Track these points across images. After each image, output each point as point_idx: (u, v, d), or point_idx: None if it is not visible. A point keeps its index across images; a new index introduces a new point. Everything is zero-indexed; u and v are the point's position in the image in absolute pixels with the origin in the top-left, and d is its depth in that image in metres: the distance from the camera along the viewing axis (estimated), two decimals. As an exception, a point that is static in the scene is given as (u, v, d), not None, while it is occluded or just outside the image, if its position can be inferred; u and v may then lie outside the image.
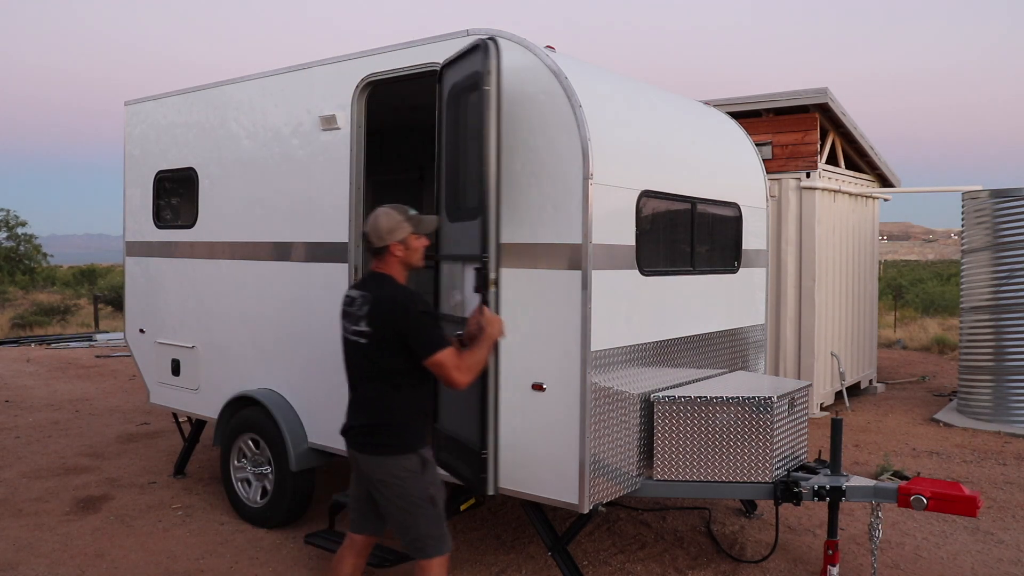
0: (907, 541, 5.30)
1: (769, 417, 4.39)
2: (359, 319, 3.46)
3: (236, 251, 5.79)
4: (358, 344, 3.48)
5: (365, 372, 3.50)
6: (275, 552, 5.13)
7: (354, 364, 3.54)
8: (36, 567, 4.89)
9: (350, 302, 3.55)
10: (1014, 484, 6.54)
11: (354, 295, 3.55)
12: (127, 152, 6.82)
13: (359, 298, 3.50)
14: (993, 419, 8.65)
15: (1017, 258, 8.52)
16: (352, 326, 3.50)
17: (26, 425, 8.73)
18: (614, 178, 4.18)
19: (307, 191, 5.26)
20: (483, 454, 3.91)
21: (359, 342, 3.47)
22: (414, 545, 3.51)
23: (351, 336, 3.51)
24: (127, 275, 6.86)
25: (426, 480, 3.52)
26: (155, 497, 6.21)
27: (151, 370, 6.58)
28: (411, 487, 3.48)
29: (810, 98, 8.79)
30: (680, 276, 4.86)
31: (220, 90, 5.94)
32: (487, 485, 3.94)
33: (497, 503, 5.86)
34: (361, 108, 4.99)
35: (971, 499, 4.09)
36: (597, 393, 4.06)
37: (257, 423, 5.51)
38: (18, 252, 31.15)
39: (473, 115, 3.93)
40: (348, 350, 3.56)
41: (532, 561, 4.94)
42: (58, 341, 16.66)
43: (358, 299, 3.51)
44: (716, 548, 5.15)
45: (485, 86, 3.77)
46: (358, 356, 3.50)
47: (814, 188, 8.86)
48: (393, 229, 3.51)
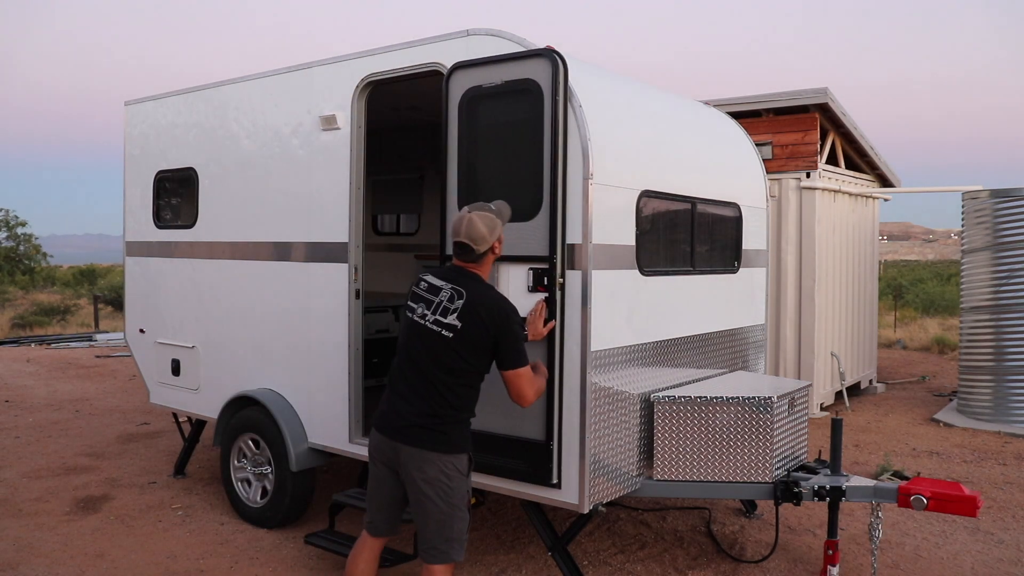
0: (907, 541, 5.30)
1: (769, 417, 4.39)
2: (449, 312, 3.41)
3: (236, 251, 5.80)
4: (440, 336, 3.41)
5: (444, 365, 3.42)
6: (275, 552, 5.13)
7: (430, 353, 3.44)
8: (36, 567, 4.89)
9: (433, 290, 3.50)
10: (1014, 484, 6.54)
11: (439, 284, 3.50)
12: (127, 152, 6.82)
13: (449, 290, 3.46)
14: (993, 419, 8.65)
15: (1017, 258, 8.52)
16: (436, 315, 3.44)
17: (26, 425, 8.73)
18: (614, 178, 4.18)
19: (307, 191, 5.26)
20: (550, 445, 3.99)
21: (442, 334, 3.41)
22: (440, 548, 3.44)
23: (432, 325, 3.44)
24: (127, 275, 6.87)
25: (469, 483, 3.52)
26: (155, 497, 6.21)
27: (151, 370, 6.58)
28: (458, 488, 3.45)
29: (810, 98, 8.80)
30: (680, 276, 4.86)
31: (220, 90, 5.95)
32: (552, 475, 3.99)
33: (497, 503, 5.86)
34: (361, 108, 4.99)
35: (971, 499, 4.09)
36: (597, 393, 4.06)
37: (257, 423, 5.51)
38: (18, 252, 31.15)
39: (517, 120, 4.06)
40: (423, 337, 3.46)
41: (532, 561, 4.94)
42: (58, 341, 16.66)
43: (447, 290, 3.47)
44: (716, 548, 5.15)
45: (557, 96, 3.90)
46: (438, 347, 3.42)
47: (814, 188, 8.86)
48: (493, 228, 3.53)
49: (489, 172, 4.26)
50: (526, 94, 4.04)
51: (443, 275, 3.56)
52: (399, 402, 3.49)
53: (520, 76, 4.06)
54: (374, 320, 7.20)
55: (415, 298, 3.56)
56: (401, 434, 3.44)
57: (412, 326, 3.52)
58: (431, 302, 3.48)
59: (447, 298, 3.45)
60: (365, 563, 3.68)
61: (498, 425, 4.19)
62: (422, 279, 3.59)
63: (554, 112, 3.94)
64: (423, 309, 3.49)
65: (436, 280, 3.53)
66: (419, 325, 3.49)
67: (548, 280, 3.99)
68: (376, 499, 3.65)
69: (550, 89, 3.95)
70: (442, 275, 3.56)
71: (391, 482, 3.56)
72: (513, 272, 4.11)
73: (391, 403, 3.52)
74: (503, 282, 4.14)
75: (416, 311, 3.52)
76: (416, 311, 3.52)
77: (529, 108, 4.03)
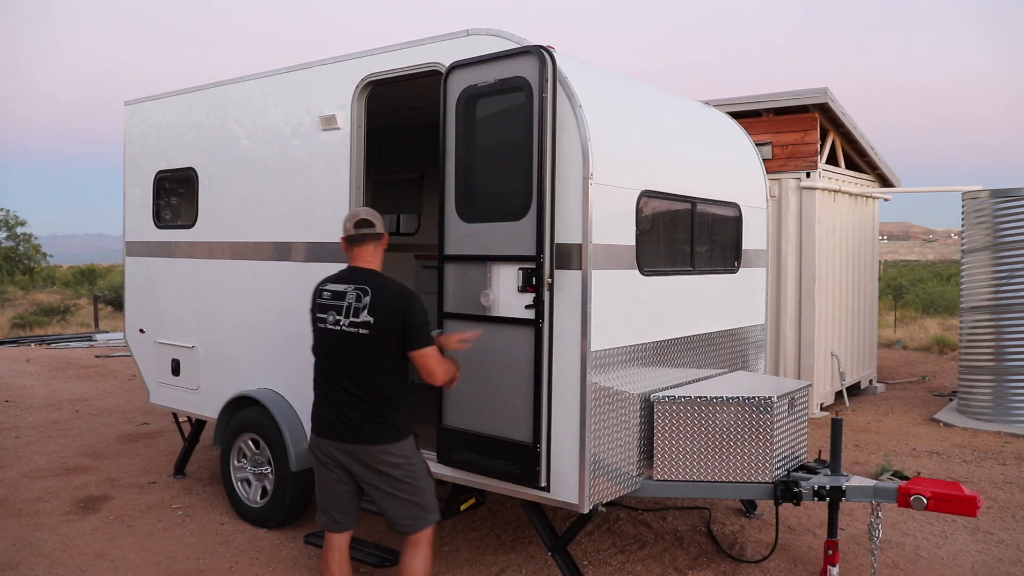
0: (907, 541, 5.30)
1: (769, 417, 4.39)
2: (360, 311, 3.56)
3: (236, 251, 5.80)
4: (358, 335, 3.56)
5: (370, 361, 3.57)
6: (275, 552, 5.13)
7: (354, 356, 3.59)
8: (36, 567, 4.89)
9: (338, 296, 3.64)
10: (1014, 484, 6.54)
11: (342, 289, 3.65)
12: (127, 152, 6.82)
13: (353, 291, 3.61)
14: (993, 419, 8.65)
15: (1017, 258, 8.52)
16: (349, 318, 3.58)
17: (26, 425, 8.73)
18: (614, 178, 4.18)
19: (307, 191, 5.26)
20: (537, 447, 3.99)
21: (360, 333, 3.56)
22: (420, 516, 3.67)
23: (348, 328, 3.58)
24: (127, 275, 6.86)
25: (421, 454, 3.84)
26: (155, 497, 6.21)
27: (151, 370, 6.58)
28: (417, 463, 3.73)
29: (810, 98, 8.80)
30: (680, 276, 4.86)
31: (220, 90, 5.95)
32: (540, 478, 4.00)
33: (497, 503, 5.86)
34: (361, 108, 4.99)
35: (971, 499, 4.09)
36: (597, 393, 4.06)
37: (257, 423, 5.51)
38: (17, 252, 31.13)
39: (508, 118, 4.06)
40: (343, 343, 3.60)
41: (532, 561, 4.94)
42: (58, 341, 16.66)
43: (351, 292, 3.61)
44: (716, 548, 5.15)
45: (544, 93, 3.89)
46: (360, 347, 3.57)
47: (814, 188, 8.86)
48: (382, 219, 3.82)
49: (484, 172, 4.26)
50: (517, 92, 4.03)
51: (342, 279, 3.71)
52: (341, 408, 3.63)
53: (511, 74, 4.05)
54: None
55: (322, 308, 3.69)
56: (354, 436, 3.61)
57: (328, 335, 3.65)
58: (340, 307, 3.62)
59: (354, 299, 3.60)
60: (339, 563, 3.80)
61: (488, 427, 4.19)
62: (323, 289, 3.73)
63: (541, 109, 3.92)
64: (334, 316, 3.63)
65: (337, 286, 3.68)
66: (336, 332, 3.62)
67: (536, 280, 3.98)
68: (334, 499, 3.78)
69: (539, 86, 3.93)
70: (342, 279, 3.71)
71: (346, 481, 3.72)
72: (504, 272, 4.11)
73: (331, 411, 3.66)
74: (494, 282, 4.14)
75: (327, 320, 3.66)
76: (327, 320, 3.66)
77: (519, 106, 4.02)
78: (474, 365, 4.24)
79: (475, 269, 4.23)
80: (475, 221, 4.24)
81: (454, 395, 4.34)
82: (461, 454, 4.32)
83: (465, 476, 4.41)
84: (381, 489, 3.65)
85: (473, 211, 4.26)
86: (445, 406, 4.39)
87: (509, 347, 4.10)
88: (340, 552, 3.80)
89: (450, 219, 4.33)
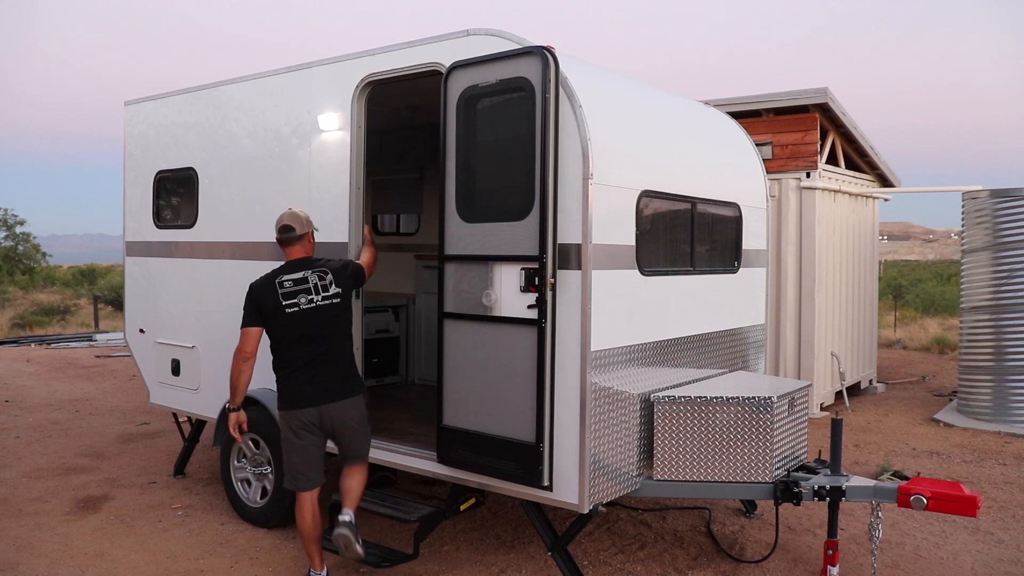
0: (907, 541, 5.30)
1: (769, 417, 4.39)
2: (328, 287, 4.29)
3: (236, 251, 5.80)
4: (333, 305, 4.29)
5: (340, 325, 4.35)
6: (275, 552, 5.13)
7: (330, 326, 4.29)
8: (36, 567, 4.89)
9: (300, 281, 4.28)
10: (1014, 484, 6.54)
11: (300, 275, 4.30)
12: (127, 152, 6.81)
13: (312, 274, 4.31)
14: (993, 419, 8.65)
15: (1017, 258, 8.52)
16: (320, 295, 4.26)
17: (26, 425, 8.73)
18: (614, 178, 4.18)
19: (307, 191, 5.26)
20: (540, 447, 4.00)
21: (334, 303, 4.29)
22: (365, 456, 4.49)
23: (323, 302, 4.26)
24: (127, 275, 6.86)
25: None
26: (155, 497, 6.21)
27: (151, 370, 6.58)
28: (364, 412, 4.47)
29: (810, 98, 8.80)
30: (680, 276, 4.86)
31: (220, 90, 5.94)
32: (543, 477, 4.01)
33: (497, 503, 5.86)
34: (361, 108, 4.99)
35: (971, 499, 4.09)
36: (597, 393, 4.06)
37: (257, 423, 5.50)
38: (17, 252, 31.10)
39: (510, 119, 4.07)
40: (320, 317, 4.25)
41: (532, 561, 4.94)
42: (58, 341, 16.66)
43: (311, 275, 4.30)
44: (716, 548, 5.15)
45: (547, 94, 3.90)
46: (335, 316, 4.30)
47: (814, 188, 8.86)
48: (308, 220, 4.50)
49: (485, 172, 4.26)
50: (518, 92, 4.03)
51: (294, 268, 4.34)
52: (318, 377, 4.28)
53: (513, 75, 4.05)
54: (374, 320, 7.21)
55: (288, 296, 4.25)
56: (330, 395, 4.29)
57: (304, 314, 4.24)
58: (308, 289, 4.27)
59: (317, 279, 4.30)
60: (313, 515, 4.36)
61: (490, 426, 4.19)
62: (282, 281, 4.29)
63: (544, 110, 3.92)
64: (306, 297, 4.26)
65: (295, 275, 4.31)
66: (312, 309, 4.26)
67: (539, 280, 3.98)
68: (311, 461, 4.35)
69: (541, 87, 3.94)
70: (293, 269, 4.35)
71: (319, 442, 4.37)
72: (506, 272, 4.11)
73: (310, 382, 4.27)
74: (496, 282, 4.14)
75: (300, 303, 4.25)
76: (300, 303, 4.25)
77: (521, 107, 4.02)
78: (475, 365, 4.25)
79: (476, 269, 4.23)
80: (476, 221, 4.24)
81: (454, 395, 4.34)
82: (462, 454, 4.32)
83: (465, 476, 4.41)
84: (355, 430, 4.37)
85: (474, 211, 4.26)
86: (445, 406, 4.39)
87: (511, 347, 4.10)
88: (313, 506, 4.36)
89: (450, 219, 4.33)
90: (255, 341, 4.31)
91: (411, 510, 4.68)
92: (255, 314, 4.28)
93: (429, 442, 4.72)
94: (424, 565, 4.87)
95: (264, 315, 4.26)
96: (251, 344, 4.30)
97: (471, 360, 4.26)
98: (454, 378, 4.35)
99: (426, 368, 7.50)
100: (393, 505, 4.78)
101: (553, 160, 3.96)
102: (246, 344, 4.29)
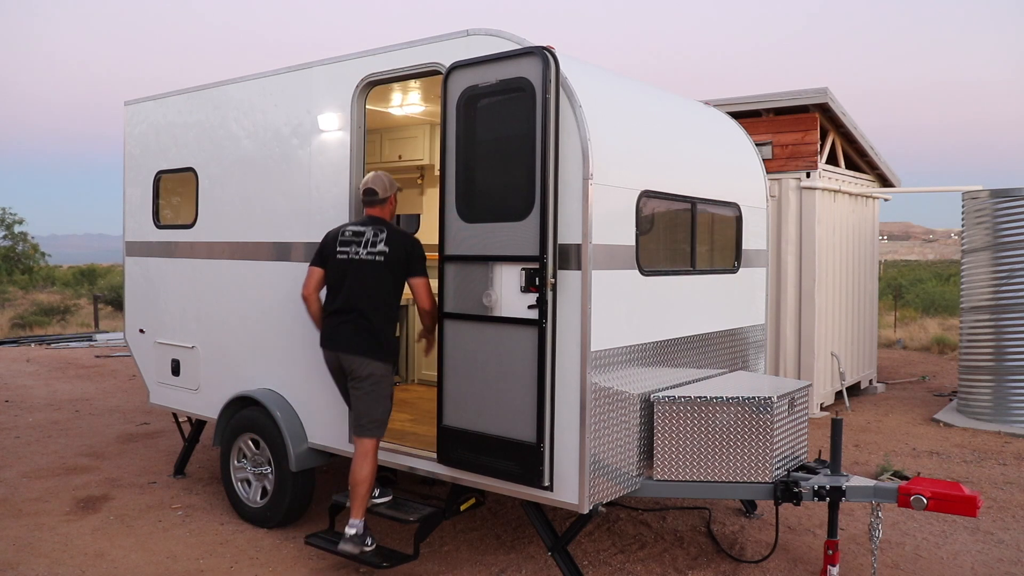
0: (907, 541, 5.30)
1: (769, 417, 4.39)
2: (377, 243, 4.51)
3: (236, 251, 5.80)
4: (374, 262, 4.50)
5: (377, 282, 4.51)
6: (275, 552, 5.13)
7: (366, 279, 4.50)
8: (36, 567, 4.89)
9: (358, 234, 4.57)
10: (1014, 484, 6.54)
11: (362, 229, 4.59)
12: (127, 152, 6.81)
13: (371, 231, 4.56)
14: (993, 419, 8.65)
15: (1017, 258, 8.52)
16: (367, 249, 4.51)
17: (26, 425, 8.73)
18: (614, 178, 4.18)
19: (307, 191, 5.26)
20: (540, 447, 4.01)
21: (376, 260, 4.50)
22: (362, 426, 4.51)
23: (365, 256, 4.51)
24: (127, 275, 6.86)
25: (392, 383, 4.66)
26: (155, 497, 6.21)
27: (151, 370, 6.58)
28: (383, 386, 4.55)
29: (810, 98, 8.80)
30: (680, 276, 4.86)
31: (220, 90, 5.94)
32: (544, 477, 4.01)
33: (497, 503, 5.86)
34: (361, 108, 4.99)
35: (971, 499, 4.09)
36: (597, 393, 4.06)
37: (257, 423, 5.51)
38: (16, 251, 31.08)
39: (510, 119, 4.07)
40: (359, 269, 4.51)
41: (532, 561, 4.94)
42: (58, 341, 16.66)
43: (370, 231, 4.56)
44: (716, 548, 5.15)
45: (547, 94, 3.91)
46: (374, 271, 4.50)
47: (814, 188, 8.86)
48: (391, 185, 4.71)
49: (486, 172, 4.26)
50: (519, 92, 4.03)
51: (361, 223, 4.64)
52: (341, 326, 4.53)
53: (513, 75, 4.05)
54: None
55: (344, 243, 4.58)
56: (342, 346, 4.52)
57: (347, 264, 4.55)
58: (360, 242, 4.55)
59: (372, 235, 4.54)
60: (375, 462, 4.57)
61: (490, 426, 4.19)
62: (345, 229, 4.63)
63: (545, 110, 3.92)
64: (355, 248, 4.54)
65: (358, 227, 4.61)
66: (355, 261, 4.53)
67: (539, 280, 3.98)
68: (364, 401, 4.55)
69: (541, 87, 3.94)
70: (360, 223, 4.64)
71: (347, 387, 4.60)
72: (506, 272, 4.11)
73: (333, 328, 4.56)
74: (496, 282, 4.14)
75: (348, 252, 4.56)
76: (348, 252, 4.56)
77: (522, 107, 4.02)
78: (475, 365, 4.25)
79: (476, 269, 4.23)
80: (476, 221, 4.24)
81: (454, 395, 4.34)
82: (462, 454, 4.32)
83: (465, 476, 4.41)
84: (358, 388, 4.51)
85: (474, 211, 4.26)
86: (445, 406, 4.39)
87: (511, 347, 4.10)
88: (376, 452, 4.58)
89: (451, 219, 4.33)
90: (314, 281, 4.68)
91: (411, 510, 4.68)
92: (319, 255, 4.69)
93: (429, 442, 4.72)
94: (424, 565, 4.87)
95: (324, 258, 4.66)
96: (311, 283, 4.69)
97: (471, 360, 4.26)
98: (454, 378, 4.35)
99: (426, 368, 7.50)
100: (393, 505, 4.78)
101: (553, 160, 3.96)
102: (307, 281, 4.71)
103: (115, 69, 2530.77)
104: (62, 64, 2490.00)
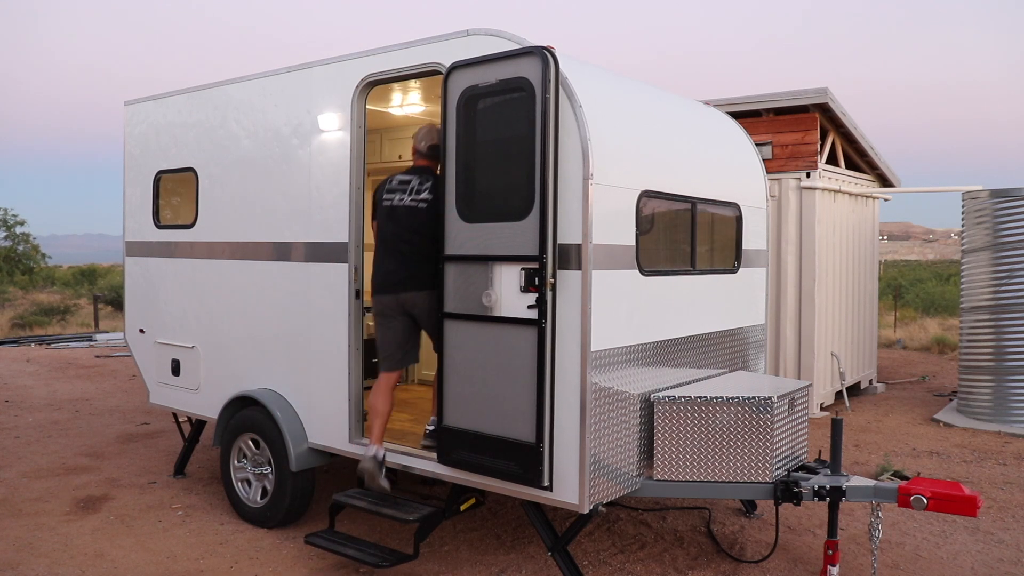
0: (907, 541, 5.30)
1: (769, 417, 4.39)
2: (421, 191, 4.69)
3: (236, 251, 5.80)
4: (417, 208, 4.68)
5: (420, 227, 4.64)
6: (275, 552, 5.13)
7: (408, 225, 4.68)
8: (36, 567, 4.90)
9: (404, 183, 4.77)
10: (1014, 484, 6.54)
11: (408, 178, 4.78)
12: (127, 152, 6.82)
13: (417, 179, 4.74)
14: (993, 419, 8.65)
15: (1017, 258, 8.52)
16: (411, 196, 4.71)
17: (26, 425, 8.73)
18: (614, 178, 4.18)
19: (307, 191, 5.26)
20: (540, 447, 4.01)
21: (419, 207, 4.68)
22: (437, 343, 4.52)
23: (409, 203, 4.71)
24: (127, 275, 6.86)
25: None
26: (155, 497, 6.21)
27: (151, 370, 6.58)
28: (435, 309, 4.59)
29: (810, 98, 8.80)
30: (680, 276, 4.86)
31: (220, 90, 5.95)
32: (543, 477, 4.01)
33: (497, 503, 5.86)
34: (361, 108, 4.99)
35: (971, 499, 4.09)
36: (597, 393, 4.06)
37: (257, 423, 5.51)
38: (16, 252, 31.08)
39: (510, 119, 4.07)
40: (403, 215, 4.70)
41: (532, 561, 4.94)
42: (58, 341, 16.66)
43: (415, 180, 4.74)
44: (716, 548, 5.15)
45: (547, 94, 3.91)
46: (416, 217, 4.66)
47: (814, 188, 8.86)
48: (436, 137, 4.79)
49: (486, 172, 4.26)
50: (519, 92, 4.03)
51: (409, 172, 4.82)
52: (395, 267, 4.72)
53: (513, 75, 4.06)
54: (374, 320, 7.20)
55: (390, 192, 4.77)
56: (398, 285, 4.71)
57: (394, 209, 4.74)
58: (405, 190, 4.73)
59: (418, 183, 4.73)
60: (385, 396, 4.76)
61: (490, 426, 4.19)
62: (392, 179, 4.82)
63: (544, 110, 3.92)
64: (400, 196, 4.73)
65: (404, 176, 4.81)
66: (398, 207, 4.72)
67: (539, 280, 3.99)
68: (387, 346, 4.81)
69: (541, 87, 3.94)
70: (408, 173, 4.82)
71: (396, 326, 4.78)
72: (506, 272, 4.11)
73: (382, 271, 4.75)
74: (496, 282, 4.14)
75: (393, 199, 4.75)
76: (393, 199, 4.75)
77: (522, 107, 4.02)
78: (475, 365, 4.25)
79: (476, 269, 4.23)
80: (476, 221, 4.24)
81: (454, 395, 4.34)
82: (462, 454, 4.32)
83: (465, 476, 4.41)
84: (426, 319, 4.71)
85: (474, 211, 4.26)
86: (445, 406, 4.39)
87: (511, 347, 4.10)
88: (389, 389, 4.78)
89: (450, 219, 4.33)
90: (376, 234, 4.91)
91: (411, 510, 4.68)
92: (373, 207, 4.95)
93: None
94: (424, 565, 4.87)
95: (375, 207, 4.89)
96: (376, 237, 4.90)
97: (471, 360, 4.26)
98: (454, 378, 4.35)
99: (426, 368, 7.50)
100: (393, 505, 4.78)
101: (553, 160, 3.96)
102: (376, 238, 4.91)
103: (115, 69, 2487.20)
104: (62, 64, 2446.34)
